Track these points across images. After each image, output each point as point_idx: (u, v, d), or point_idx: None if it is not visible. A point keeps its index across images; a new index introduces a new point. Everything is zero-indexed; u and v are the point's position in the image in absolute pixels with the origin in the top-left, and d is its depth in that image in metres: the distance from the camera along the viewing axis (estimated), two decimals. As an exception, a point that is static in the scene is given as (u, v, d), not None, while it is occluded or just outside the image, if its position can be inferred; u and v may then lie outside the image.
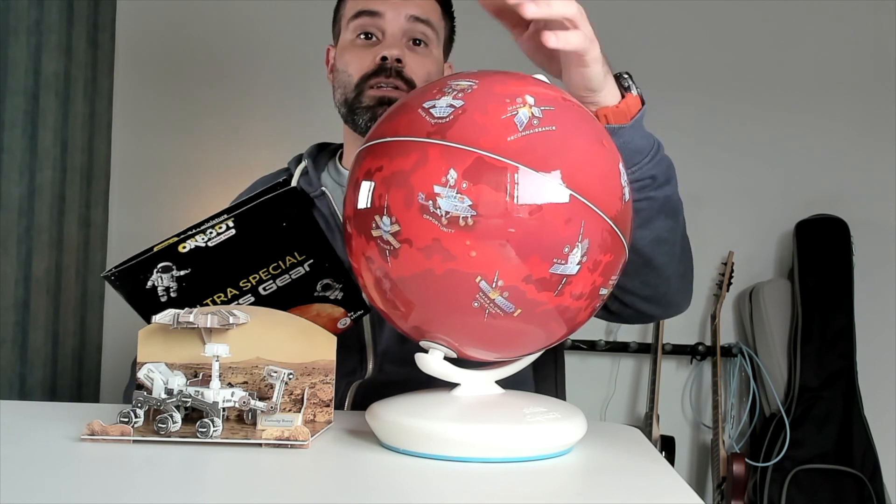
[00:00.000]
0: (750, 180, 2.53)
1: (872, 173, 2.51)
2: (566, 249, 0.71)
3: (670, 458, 2.31)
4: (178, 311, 0.84)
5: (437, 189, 0.70)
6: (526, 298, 0.72)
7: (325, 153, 1.32)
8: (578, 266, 0.72)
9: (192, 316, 0.83)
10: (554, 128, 0.72)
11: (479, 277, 0.71)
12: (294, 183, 1.25)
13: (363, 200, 0.75)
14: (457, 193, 0.69)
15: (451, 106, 0.73)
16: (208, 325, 0.83)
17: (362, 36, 1.20)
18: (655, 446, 1.62)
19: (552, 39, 0.80)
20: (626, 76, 0.93)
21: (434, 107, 0.73)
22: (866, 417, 2.32)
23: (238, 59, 2.56)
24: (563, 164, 0.71)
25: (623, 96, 0.91)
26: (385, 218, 0.72)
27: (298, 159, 1.29)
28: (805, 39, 2.54)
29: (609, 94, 0.90)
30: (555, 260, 0.71)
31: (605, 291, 0.77)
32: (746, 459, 2.28)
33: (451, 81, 0.76)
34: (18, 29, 2.08)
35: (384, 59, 1.16)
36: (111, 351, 2.51)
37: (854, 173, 2.52)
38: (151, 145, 2.56)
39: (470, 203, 0.69)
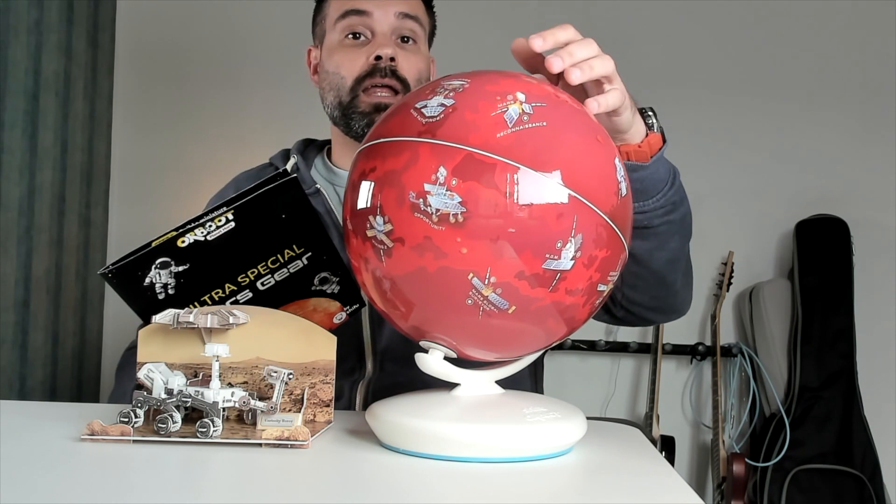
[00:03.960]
0: (750, 180, 2.53)
1: (872, 173, 2.51)
2: (559, 245, 0.70)
3: (670, 458, 2.31)
4: (178, 311, 0.84)
5: (427, 187, 0.70)
6: (520, 295, 0.71)
7: (311, 149, 1.31)
8: (573, 261, 0.71)
9: (193, 316, 0.83)
10: (545, 123, 0.72)
11: (471, 274, 0.71)
12: None
13: (359, 201, 0.75)
14: (447, 191, 0.69)
15: (442, 105, 0.73)
16: (208, 325, 0.83)
17: (350, 36, 1.19)
18: (655, 446, 1.62)
19: (594, 106, 0.80)
20: (649, 113, 0.93)
21: (426, 106, 0.74)
22: (866, 417, 2.32)
23: (238, 58, 2.56)
24: (555, 159, 0.71)
25: (647, 134, 0.92)
26: (378, 218, 0.73)
27: (285, 155, 1.27)
28: (805, 39, 2.54)
29: (635, 133, 0.91)
30: (547, 255, 0.70)
31: (603, 287, 0.76)
32: (746, 459, 2.28)
33: (444, 81, 0.77)
34: (18, 29, 2.08)
35: (378, 58, 1.15)
36: (111, 351, 2.51)
37: (854, 173, 2.52)
38: (151, 145, 2.56)
39: (460, 200, 0.69)
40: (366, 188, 0.74)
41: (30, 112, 2.12)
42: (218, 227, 0.86)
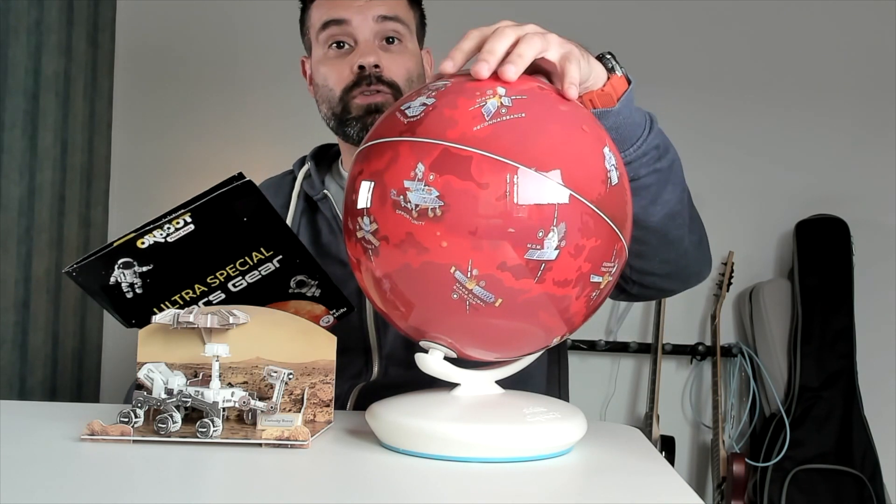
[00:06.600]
0: (750, 180, 2.53)
1: (872, 173, 2.51)
2: (540, 234, 0.70)
3: (670, 458, 2.31)
4: (178, 311, 0.84)
5: (406, 184, 0.71)
6: (504, 287, 0.71)
7: (328, 155, 1.32)
8: (557, 251, 0.71)
9: (193, 316, 0.83)
10: (524, 115, 0.72)
11: (453, 268, 0.71)
12: (297, 186, 1.25)
13: (350, 204, 0.77)
14: (425, 186, 0.70)
15: (424, 104, 0.74)
16: (208, 325, 0.83)
17: (334, 46, 1.19)
18: (655, 446, 1.62)
19: (573, 92, 0.78)
20: (608, 57, 0.90)
21: (409, 107, 0.75)
22: (866, 417, 2.32)
23: (238, 59, 2.56)
24: (533, 149, 0.70)
25: (609, 77, 0.89)
26: (365, 218, 0.74)
27: (302, 161, 1.29)
28: (805, 39, 2.54)
29: (596, 79, 0.87)
30: (529, 245, 0.70)
31: (598, 279, 0.75)
32: (746, 459, 2.28)
33: (430, 83, 0.78)
34: (18, 29, 2.08)
35: (361, 67, 1.15)
36: (111, 351, 2.51)
37: (854, 173, 2.52)
38: (151, 145, 2.56)
39: (437, 194, 0.70)
40: (354, 190, 0.76)
41: (30, 112, 2.12)
42: (177, 230, 0.86)
